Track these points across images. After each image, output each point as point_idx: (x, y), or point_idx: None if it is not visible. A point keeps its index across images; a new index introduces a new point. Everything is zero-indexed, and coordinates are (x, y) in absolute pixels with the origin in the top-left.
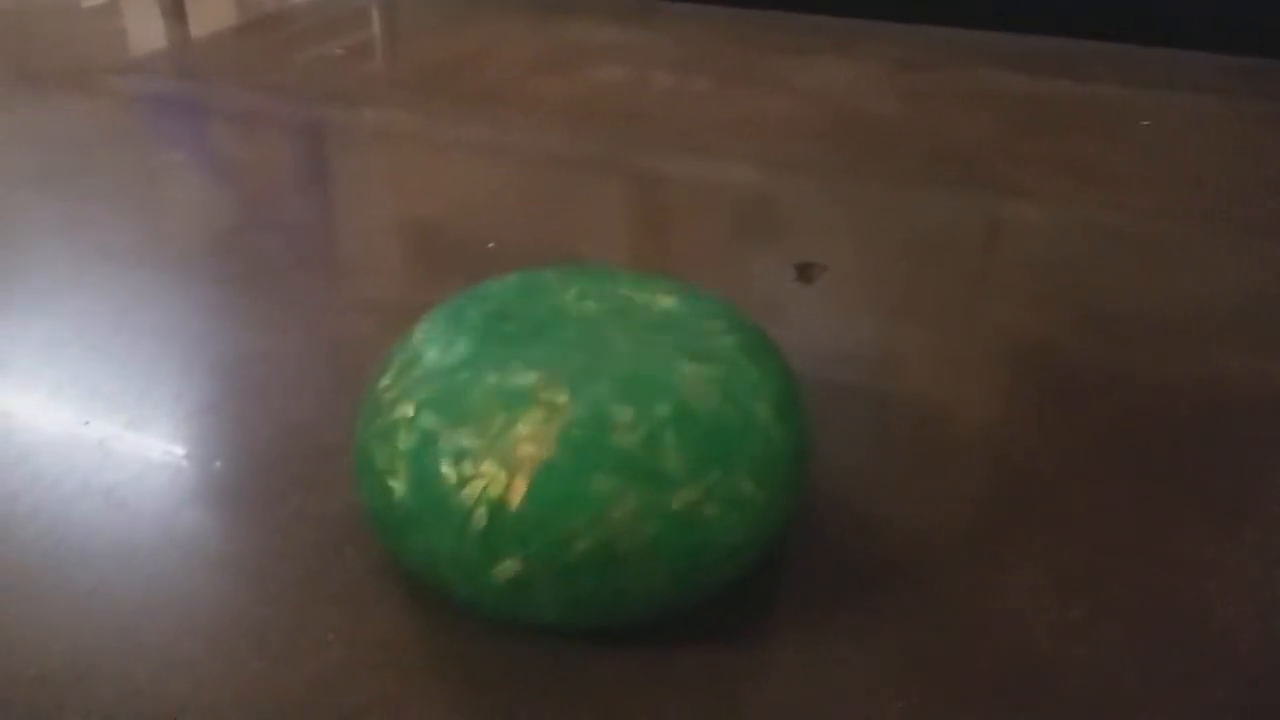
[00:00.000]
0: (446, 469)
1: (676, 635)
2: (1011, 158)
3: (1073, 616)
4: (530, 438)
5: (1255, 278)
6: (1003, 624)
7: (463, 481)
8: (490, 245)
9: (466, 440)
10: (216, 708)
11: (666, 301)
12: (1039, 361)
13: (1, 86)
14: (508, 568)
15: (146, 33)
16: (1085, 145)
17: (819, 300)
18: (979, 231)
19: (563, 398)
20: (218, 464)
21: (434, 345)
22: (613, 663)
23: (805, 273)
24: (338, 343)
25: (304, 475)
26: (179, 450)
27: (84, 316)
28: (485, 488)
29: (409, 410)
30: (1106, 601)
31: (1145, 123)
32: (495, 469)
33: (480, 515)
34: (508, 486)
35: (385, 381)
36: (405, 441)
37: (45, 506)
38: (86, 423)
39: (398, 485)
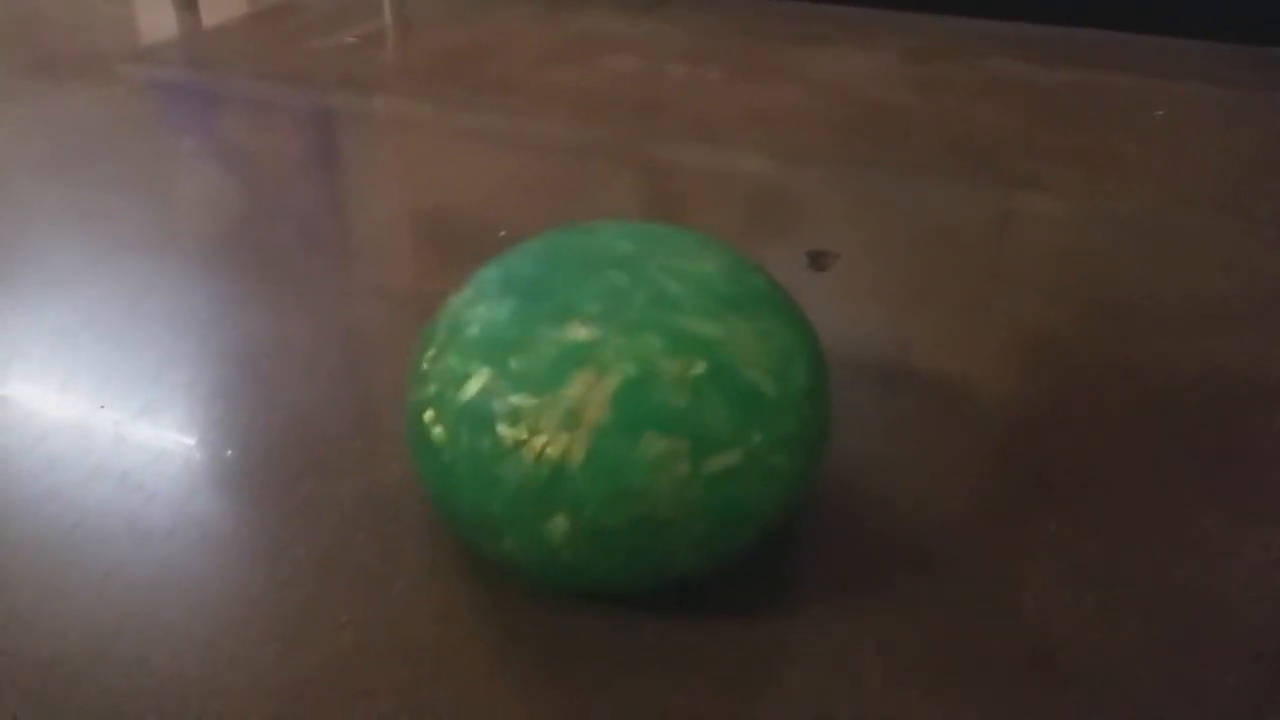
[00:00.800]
0: (504, 430)
1: (694, 614)
2: (1024, 147)
3: (1086, 603)
4: (587, 396)
5: (1269, 267)
6: (1016, 611)
7: (519, 443)
8: (502, 233)
9: (523, 400)
10: (231, 689)
11: (704, 259)
12: (1052, 350)
13: (13, 74)
14: (559, 526)
15: (158, 21)
16: (1098, 135)
17: (831, 288)
18: (992, 221)
19: (616, 354)
20: (229, 453)
21: (480, 307)
22: (630, 640)
23: (818, 261)
24: (349, 330)
25: (316, 461)
26: (192, 436)
27: (97, 303)
28: (544, 447)
29: (461, 373)
30: (1120, 588)
31: (1159, 113)
32: (554, 429)
33: (538, 475)
34: (567, 447)
35: (432, 350)
36: (459, 404)
37: (64, 488)
38: (102, 406)
39: (450, 448)
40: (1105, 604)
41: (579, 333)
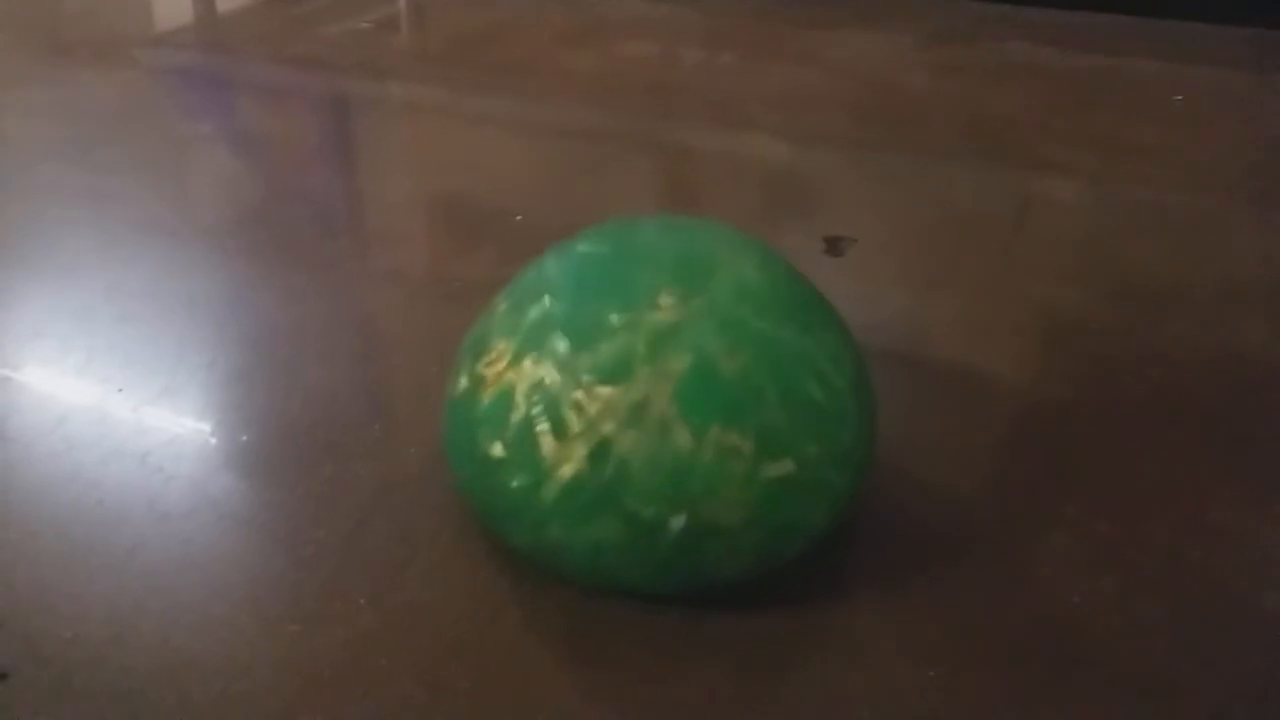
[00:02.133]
0: (567, 423)
1: (715, 599)
2: (1042, 132)
3: (1105, 587)
4: (651, 397)
5: None
6: (1035, 593)
7: (579, 437)
8: (518, 218)
9: (585, 395)
10: (251, 670)
11: (749, 259)
12: (1070, 334)
13: (29, 59)
14: (611, 526)
15: (173, 5)
16: (1116, 120)
17: (848, 273)
18: (1009, 205)
19: (680, 355)
20: (244, 438)
21: (539, 304)
22: (651, 624)
23: (834, 246)
24: (366, 314)
25: (335, 443)
26: (211, 418)
27: (115, 287)
28: (605, 442)
29: (518, 372)
30: (1138, 572)
31: (1178, 98)
32: (618, 424)
33: (596, 472)
34: (631, 447)
35: (492, 353)
36: (517, 404)
37: (83, 469)
38: (120, 389)
39: (503, 447)
40: (1123, 587)
41: (643, 328)
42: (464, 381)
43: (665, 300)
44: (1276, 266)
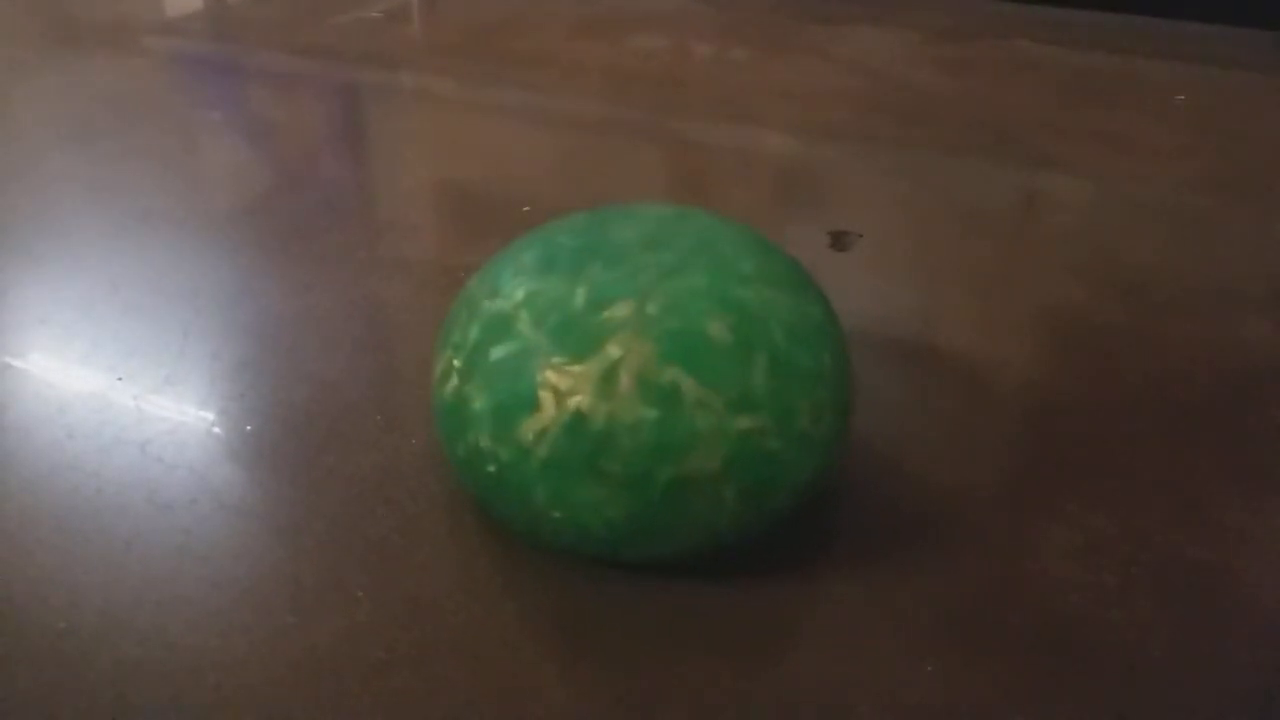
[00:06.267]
0: (544, 394)
1: (714, 588)
2: (1048, 129)
3: (1104, 581)
4: (629, 361)
5: None
6: (1035, 587)
7: (558, 404)
8: (526, 209)
9: (566, 367)
10: (247, 661)
11: (734, 234)
12: (1073, 330)
13: (39, 46)
14: (596, 488)
15: None
16: (1121, 118)
17: (854, 266)
18: (1015, 201)
19: (659, 319)
20: (249, 428)
21: (517, 277)
22: (646, 613)
23: (839, 240)
24: (372, 304)
25: (337, 434)
26: (213, 408)
27: (121, 274)
28: (584, 406)
29: (498, 339)
30: (1138, 566)
31: (1180, 97)
32: (596, 396)
33: (579, 435)
34: (612, 406)
35: (463, 338)
36: (495, 371)
37: (84, 458)
38: (119, 379)
39: (482, 417)
40: (1121, 582)
41: (620, 302)
42: (441, 368)
43: (645, 274)
44: (1277, 263)
